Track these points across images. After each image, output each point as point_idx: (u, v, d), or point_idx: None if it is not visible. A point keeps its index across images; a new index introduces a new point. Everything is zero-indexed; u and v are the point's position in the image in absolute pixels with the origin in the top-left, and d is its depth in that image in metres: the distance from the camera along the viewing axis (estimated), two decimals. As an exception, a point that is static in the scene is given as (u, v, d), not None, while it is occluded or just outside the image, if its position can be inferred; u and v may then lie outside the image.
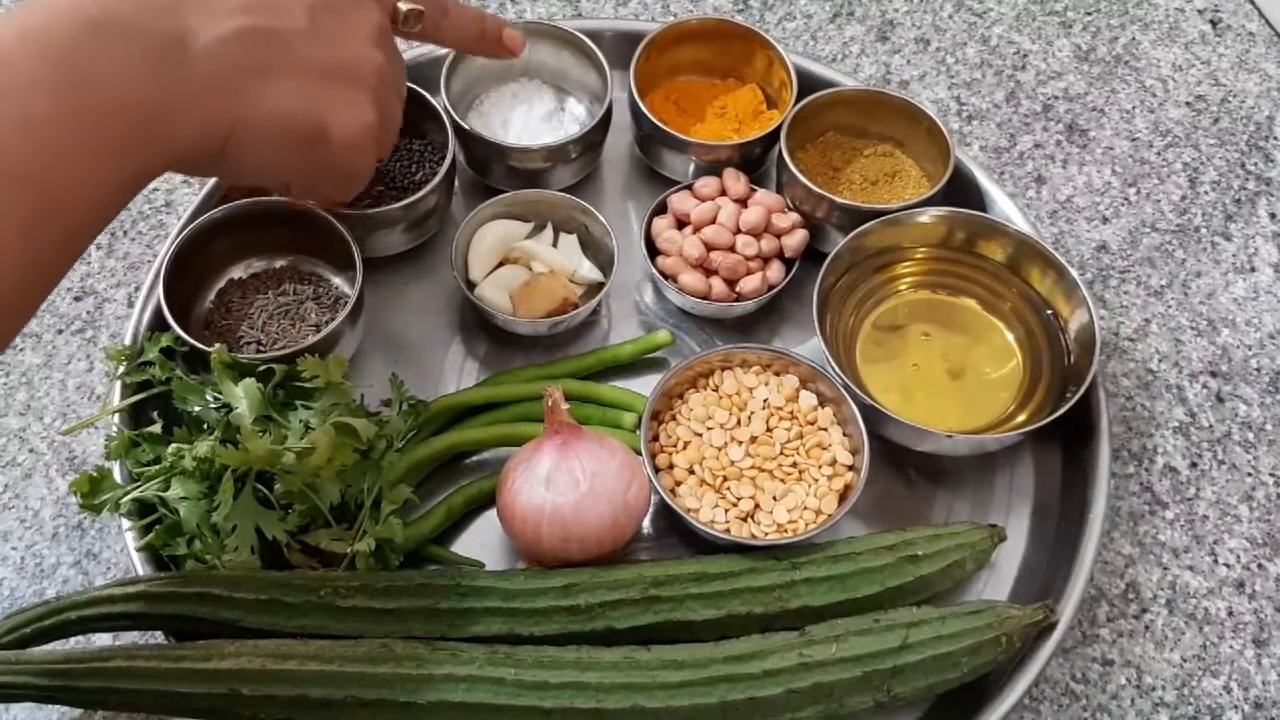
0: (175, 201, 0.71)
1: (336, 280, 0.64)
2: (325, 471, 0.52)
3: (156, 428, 0.56)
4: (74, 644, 0.54)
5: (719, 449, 0.58)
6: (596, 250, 0.66)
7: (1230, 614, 0.59)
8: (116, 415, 0.57)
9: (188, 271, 0.61)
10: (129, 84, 0.37)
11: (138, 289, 0.66)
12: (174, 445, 0.53)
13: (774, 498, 0.56)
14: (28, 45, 0.35)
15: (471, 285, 0.64)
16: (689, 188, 0.67)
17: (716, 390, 0.60)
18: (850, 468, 0.58)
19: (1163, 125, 0.77)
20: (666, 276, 0.65)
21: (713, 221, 0.65)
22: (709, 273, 0.64)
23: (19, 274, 0.35)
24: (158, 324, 0.60)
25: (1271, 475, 0.63)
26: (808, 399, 0.59)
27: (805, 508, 0.56)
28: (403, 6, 0.50)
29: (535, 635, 0.51)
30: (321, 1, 0.44)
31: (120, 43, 0.37)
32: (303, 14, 0.43)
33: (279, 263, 0.64)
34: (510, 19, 0.78)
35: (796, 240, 0.65)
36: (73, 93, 0.36)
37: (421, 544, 0.57)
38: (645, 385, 0.62)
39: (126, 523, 0.55)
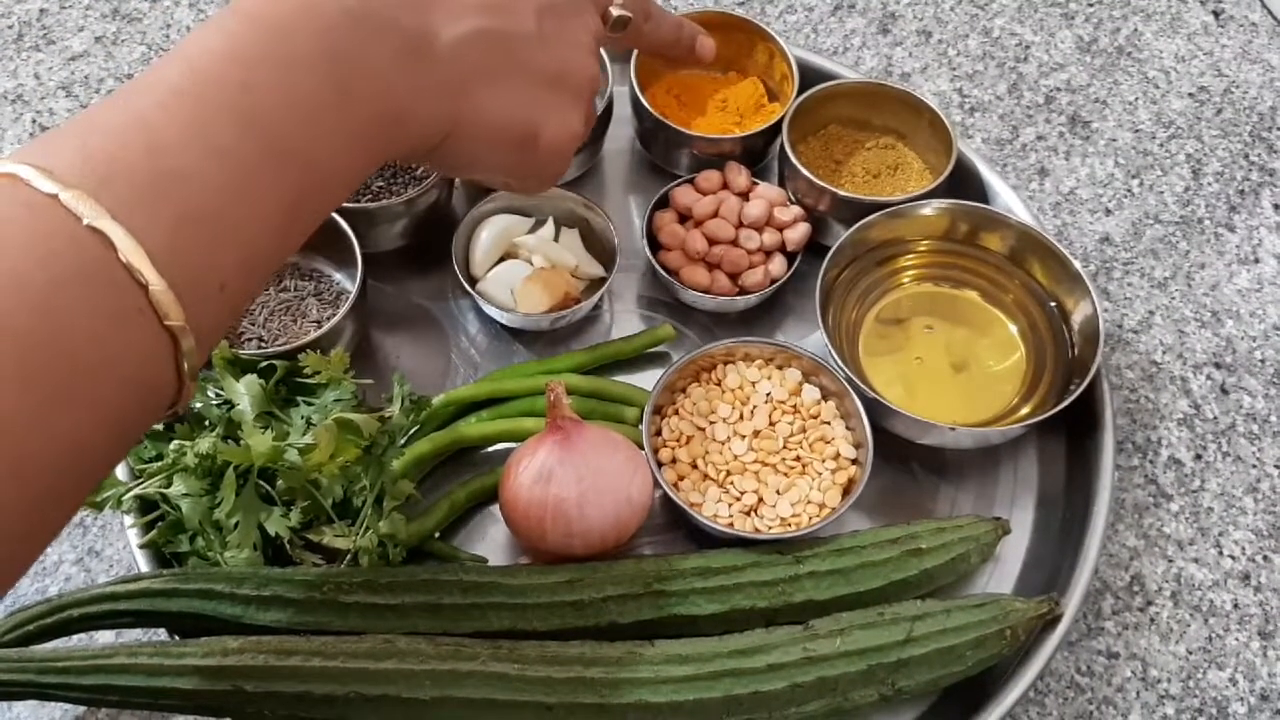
0: (175, 198, 0.71)
1: (337, 276, 0.64)
2: (327, 468, 0.52)
3: (158, 424, 0.56)
4: (76, 641, 0.54)
5: (722, 443, 0.58)
6: (598, 245, 0.66)
7: (1236, 606, 0.59)
8: (118, 412, 0.57)
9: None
10: (382, 74, 0.38)
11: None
12: (176, 442, 0.53)
13: (777, 492, 0.56)
14: (297, 28, 0.36)
15: (473, 280, 0.64)
16: (690, 181, 0.67)
17: (719, 384, 0.60)
18: (854, 461, 0.57)
19: (1165, 116, 0.77)
20: (668, 271, 0.64)
21: (715, 215, 0.64)
22: (711, 267, 0.64)
23: (275, 244, 0.36)
24: (159, 320, 0.59)
25: (1276, 467, 0.63)
26: (811, 393, 0.59)
27: (809, 502, 0.56)
28: (614, 11, 0.50)
29: (539, 630, 0.51)
30: (548, 5, 0.44)
31: (376, 35, 0.38)
32: (531, 18, 0.43)
33: (280, 259, 0.64)
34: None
35: (799, 234, 0.64)
36: (337, 77, 0.36)
37: (424, 540, 0.57)
38: (648, 380, 0.62)
39: (129, 520, 0.54)
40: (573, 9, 0.46)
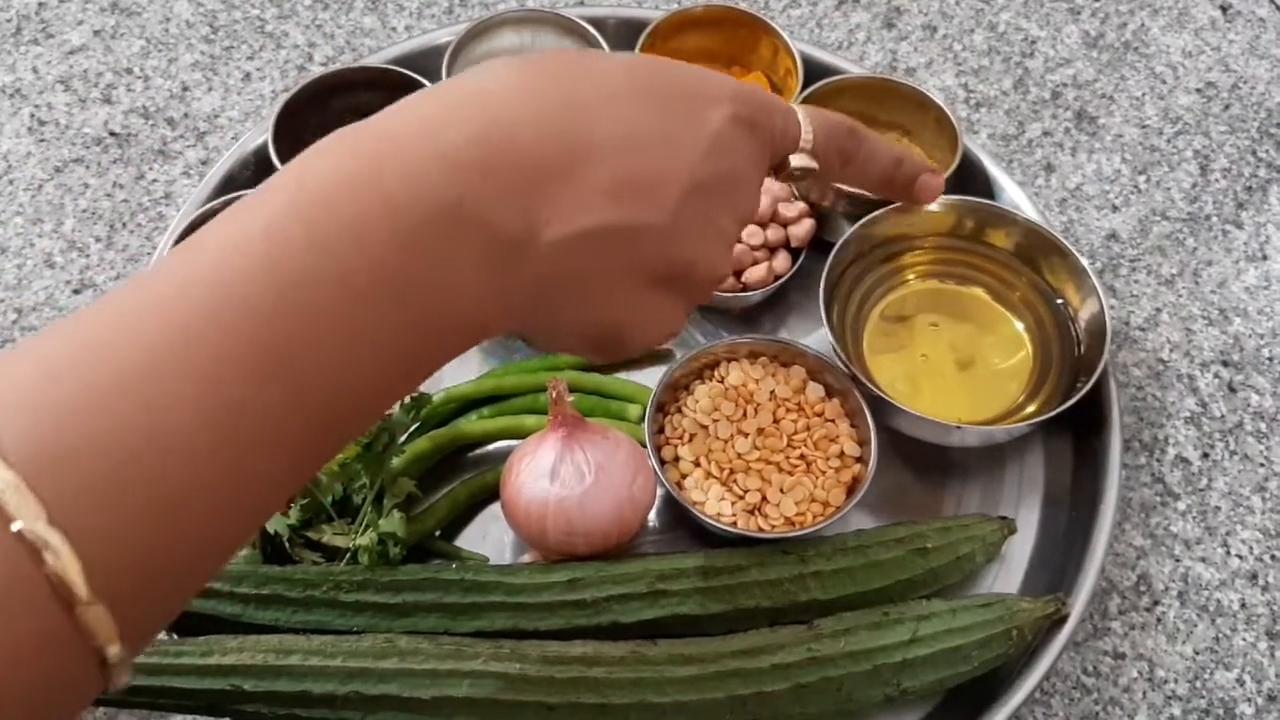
0: (174, 194, 0.71)
1: (338, 272, 0.63)
2: (327, 465, 0.51)
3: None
4: (74, 640, 0.53)
5: (725, 441, 0.57)
6: (600, 240, 0.65)
7: (1243, 606, 0.58)
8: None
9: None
10: (459, 283, 0.30)
11: (137, 281, 0.65)
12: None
13: (781, 490, 0.56)
14: (368, 240, 0.28)
15: (474, 276, 0.63)
16: (694, 177, 0.66)
17: (722, 382, 0.59)
18: (858, 459, 0.57)
19: (1173, 112, 0.76)
20: (671, 267, 0.64)
21: (718, 211, 0.64)
22: (714, 263, 0.63)
23: (265, 510, 0.28)
24: (157, 316, 0.59)
25: (1284, 466, 0.63)
26: (815, 390, 0.59)
27: (813, 500, 0.56)
28: (795, 162, 0.40)
29: (540, 630, 0.51)
30: (701, 184, 0.34)
31: (464, 238, 0.30)
32: (674, 202, 0.34)
33: (280, 254, 0.64)
34: (512, 6, 0.78)
35: (803, 230, 0.64)
36: (404, 300, 0.29)
37: (425, 538, 0.57)
38: (650, 377, 0.61)
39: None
40: (730, 184, 0.36)
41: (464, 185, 0.29)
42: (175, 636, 0.51)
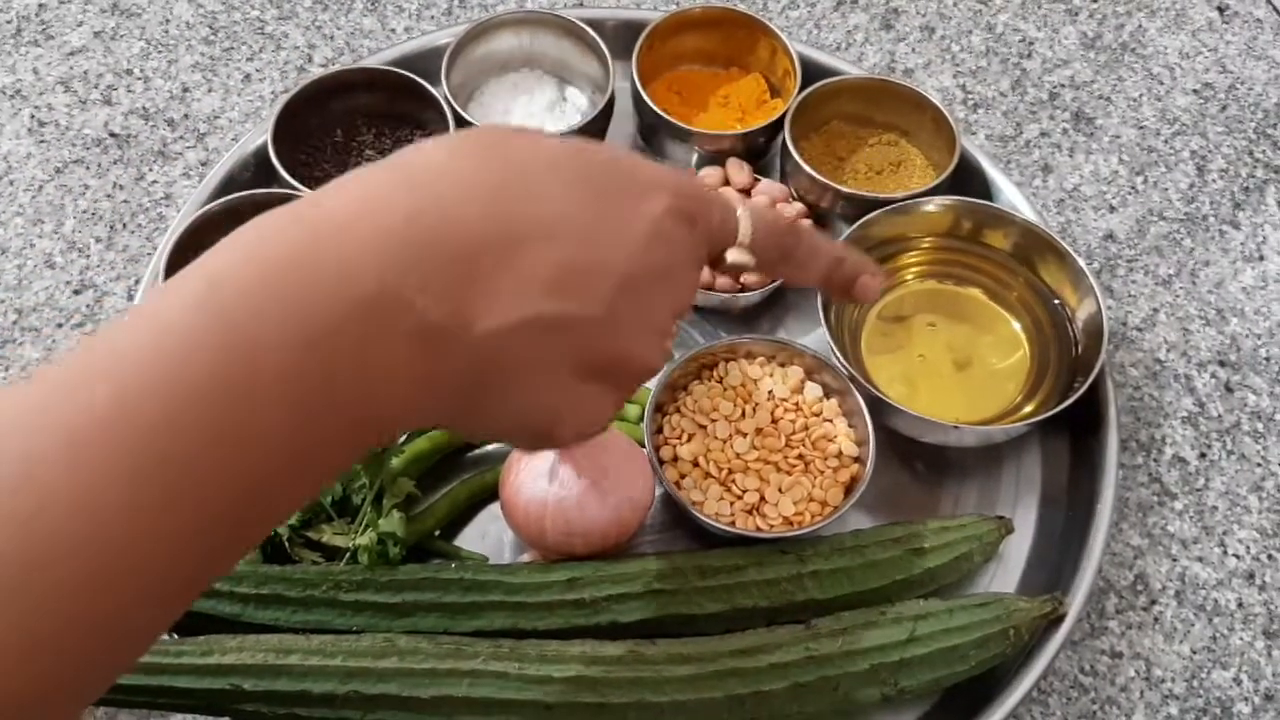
0: (175, 194, 0.71)
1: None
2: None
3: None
4: (75, 639, 0.53)
5: (724, 441, 0.57)
6: (599, 241, 0.65)
7: (1240, 605, 0.58)
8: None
9: (188, 264, 0.60)
10: (381, 377, 0.29)
11: (137, 282, 0.65)
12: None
13: (779, 490, 0.56)
14: (280, 343, 0.27)
15: (473, 277, 0.63)
16: (692, 178, 0.66)
17: (721, 382, 0.59)
18: (856, 459, 0.57)
19: (1170, 113, 0.76)
20: (670, 267, 0.64)
21: (716, 212, 0.64)
22: (713, 263, 0.64)
23: (170, 608, 0.28)
24: (157, 317, 0.59)
25: (1281, 465, 0.63)
26: (813, 390, 0.59)
27: (811, 500, 0.56)
28: (731, 257, 0.39)
29: (539, 629, 0.51)
30: (634, 280, 0.33)
31: (393, 321, 0.28)
32: (608, 295, 0.33)
33: (279, 255, 0.64)
34: (511, 8, 0.78)
35: (801, 230, 0.64)
36: (336, 376, 0.28)
37: (424, 538, 0.57)
38: (649, 377, 0.61)
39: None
40: (666, 277, 0.35)
41: (394, 270, 0.28)
42: (175, 636, 0.51)
